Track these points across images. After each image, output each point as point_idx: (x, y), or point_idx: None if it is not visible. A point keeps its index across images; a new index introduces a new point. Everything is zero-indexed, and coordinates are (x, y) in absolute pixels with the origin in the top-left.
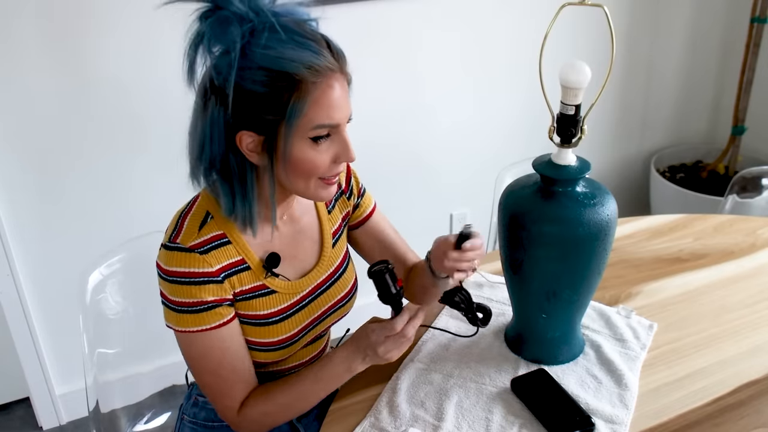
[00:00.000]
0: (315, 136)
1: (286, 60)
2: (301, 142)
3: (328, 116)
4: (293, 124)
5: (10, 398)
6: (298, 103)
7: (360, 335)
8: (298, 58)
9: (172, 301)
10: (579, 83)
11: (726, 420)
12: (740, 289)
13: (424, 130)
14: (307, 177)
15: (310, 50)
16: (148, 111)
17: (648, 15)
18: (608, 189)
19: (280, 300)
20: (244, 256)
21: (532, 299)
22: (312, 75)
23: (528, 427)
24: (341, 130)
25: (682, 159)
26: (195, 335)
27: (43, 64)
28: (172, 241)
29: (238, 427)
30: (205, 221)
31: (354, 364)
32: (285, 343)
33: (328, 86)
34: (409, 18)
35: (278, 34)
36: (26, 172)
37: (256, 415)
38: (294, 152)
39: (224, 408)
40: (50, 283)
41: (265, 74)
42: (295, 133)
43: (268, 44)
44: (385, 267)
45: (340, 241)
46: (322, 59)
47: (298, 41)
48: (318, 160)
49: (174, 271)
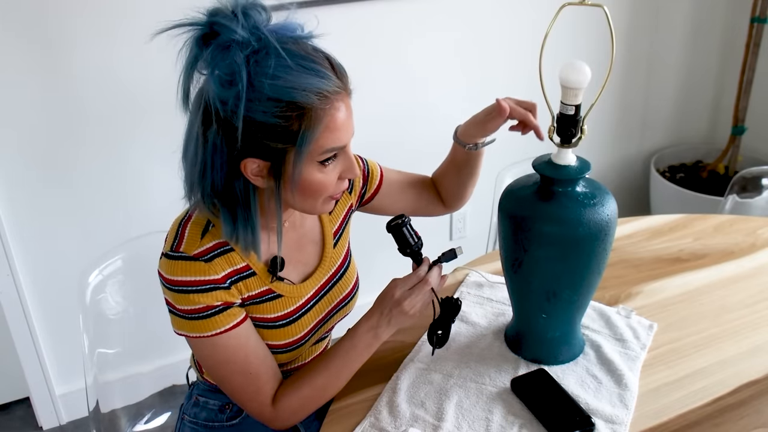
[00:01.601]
0: (324, 159)
1: (296, 90)
2: (311, 166)
3: (338, 139)
4: (303, 151)
5: (10, 398)
6: (309, 131)
7: (383, 297)
8: (308, 87)
9: (181, 310)
10: (579, 83)
11: (726, 420)
12: (740, 289)
13: (424, 129)
14: (316, 197)
15: (317, 75)
16: (149, 111)
17: (648, 15)
18: (608, 189)
19: (287, 303)
20: (249, 262)
21: (532, 299)
22: (322, 102)
23: (528, 427)
24: (347, 149)
25: (682, 159)
26: (214, 339)
27: (44, 63)
28: (175, 250)
29: (275, 422)
30: (206, 230)
31: (380, 329)
32: (294, 346)
33: (336, 110)
34: (409, 18)
35: (283, 60)
36: (26, 172)
37: (295, 403)
38: (304, 176)
39: (260, 406)
40: (50, 283)
41: (275, 105)
42: (306, 158)
43: (276, 74)
44: (402, 221)
45: (341, 240)
46: (331, 84)
47: (305, 66)
48: (326, 180)
49: (179, 280)
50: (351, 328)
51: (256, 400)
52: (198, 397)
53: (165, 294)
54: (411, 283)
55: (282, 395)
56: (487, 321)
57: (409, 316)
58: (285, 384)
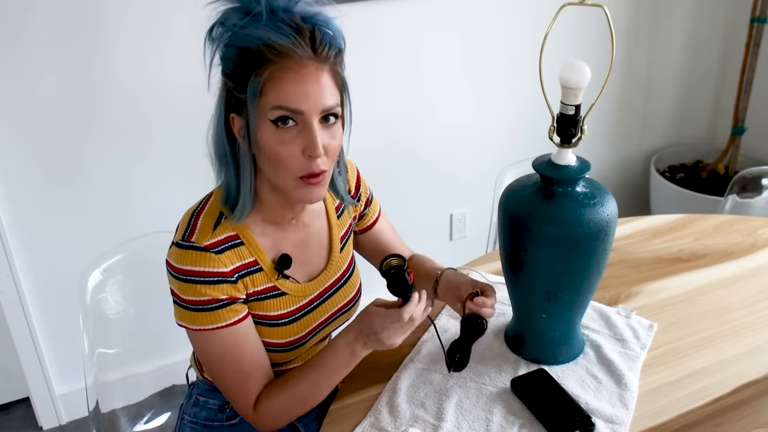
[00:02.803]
0: (275, 119)
1: (251, 38)
2: (265, 125)
3: (286, 98)
4: (254, 104)
5: (10, 398)
6: (255, 80)
7: (362, 317)
8: (262, 36)
9: (185, 300)
10: (579, 83)
11: (726, 420)
12: (740, 289)
13: (425, 129)
14: (280, 170)
15: (278, 32)
16: (151, 112)
17: (648, 15)
18: (608, 189)
19: (290, 302)
20: (257, 258)
21: (532, 299)
22: (271, 53)
23: (528, 427)
24: (307, 119)
25: (682, 159)
26: (212, 333)
27: (46, 65)
28: (187, 239)
29: (256, 425)
30: (219, 221)
31: (356, 347)
32: (292, 345)
33: (289, 68)
34: (410, 18)
35: (260, 18)
36: (27, 172)
37: (274, 410)
38: (260, 137)
39: (244, 407)
40: (50, 283)
41: (235, 51)
42: (258, 114)
43: (245, 25)
44: (403, 265)
45: (347, 245)
46: (287, 41)
47: (274, 25)
48: (283, 150)
49: (187, 269)
50: (332, 339)
51: (243, 400)
52: (198, 396)
53: (171, 283)
54: (391, 321)
55: (263, 399)
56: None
57: (386, 345)
58: (268, 388)
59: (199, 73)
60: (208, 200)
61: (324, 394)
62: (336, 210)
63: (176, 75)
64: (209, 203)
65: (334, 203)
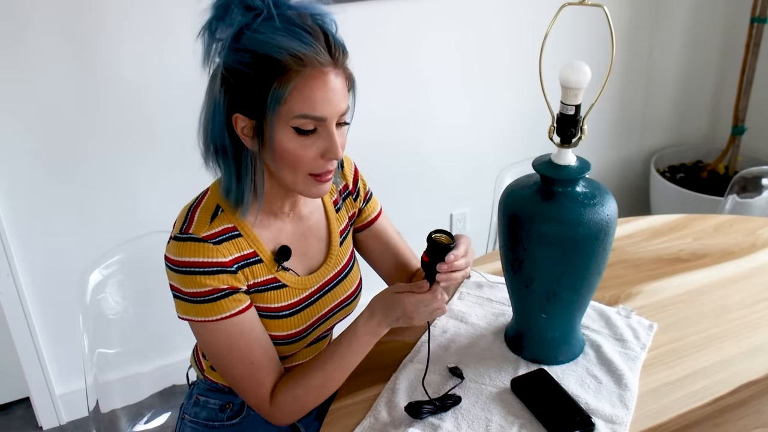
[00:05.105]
0: (298, 127)
1: (271, 46)
2: (285, 131)
3: (311, 107)
4: (275, 111)
5: (10, 398)
6: (279, 89)
7: (392, 304)
8: (284, 45)
9: (186, 293)
10: (579, 83)
11: (726, 420)
12: (740, 289)
13: (425, 129)
14: (294, 169)
15: (299, 40)
16: (152, 112)
17: (648, 15)
18: (608, 189)
19: (291, 294)
20: (256, 249)
21: (532, 299)
22: (296, 63)
23: (528, 427)
24: (328, 125)
25: (682, 159)
26: (216, 324)
27: (47, 65)
28: (184, 232)
29: (272, 418)
30: (216, 214)
31: (380, 330)
32: (292, 338)
33: (313, 77)
34: (410, 18)
35: (273, 21)
36: (27, 172)
37: (291, 402)
38: (278, 141)
39: (259, 399)
40: (50, 283)
41: (251, 57)
42: (278, 120)
43: (259, 29)
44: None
45: (347, 240)
46: (310, 50)
47: (291, 30)
48: (302, 153)
49: (186, 261)
50: (347, 328)
51: (256, 392)
52: (198, 396)
53: (171, 279)
54: (427, 303)
55: (279, 392)
56: (487, 321)
57: (413, 324)
58: (283, 380)
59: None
60: (205, 195)
61: (339, 383)
62: (334, 204)
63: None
64: (206, 198)
65: (331, 198)
